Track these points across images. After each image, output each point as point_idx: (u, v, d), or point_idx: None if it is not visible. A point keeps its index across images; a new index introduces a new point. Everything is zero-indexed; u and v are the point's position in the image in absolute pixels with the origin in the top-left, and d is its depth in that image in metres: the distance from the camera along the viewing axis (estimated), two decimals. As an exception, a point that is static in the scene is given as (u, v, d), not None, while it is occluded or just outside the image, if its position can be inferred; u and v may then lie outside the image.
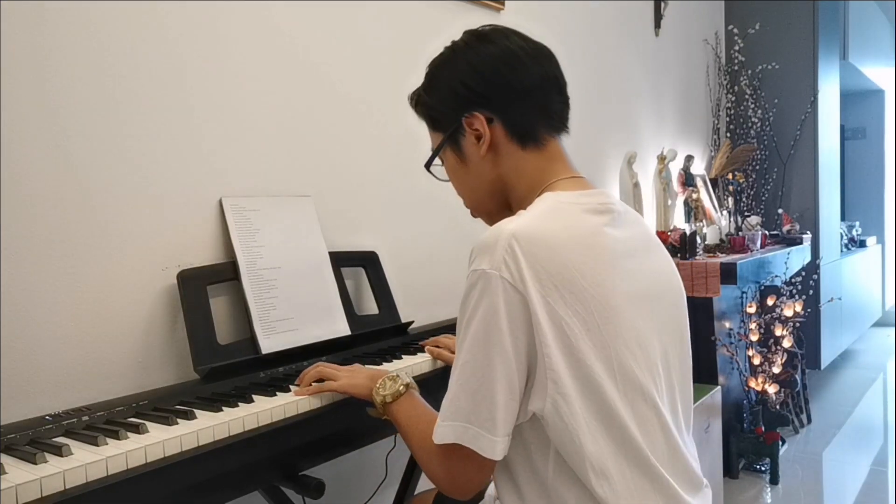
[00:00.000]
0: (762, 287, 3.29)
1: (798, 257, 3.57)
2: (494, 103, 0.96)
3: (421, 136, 1.93)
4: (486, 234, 0.87)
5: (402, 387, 1.04)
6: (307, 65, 1.64)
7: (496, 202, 1.03)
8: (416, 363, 1.35)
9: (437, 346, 1.42)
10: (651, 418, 0.88)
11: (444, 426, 0.86)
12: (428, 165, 1.07)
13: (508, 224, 0.86)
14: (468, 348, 0.85)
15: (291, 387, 1.15)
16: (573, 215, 0.90)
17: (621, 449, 0.85)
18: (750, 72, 4.14)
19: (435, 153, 1.05)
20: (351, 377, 1.11)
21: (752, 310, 3.06)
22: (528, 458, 0.88)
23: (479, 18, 2.11)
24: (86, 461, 0.83)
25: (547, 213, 0.89)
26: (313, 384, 1.13)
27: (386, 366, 1.32)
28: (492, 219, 1.04)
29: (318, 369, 1.15)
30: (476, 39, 0.99)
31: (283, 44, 1.58)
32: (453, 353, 1.35)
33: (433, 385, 1.32)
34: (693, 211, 3.41)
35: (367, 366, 1.25)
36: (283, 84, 1.58)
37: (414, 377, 1.31)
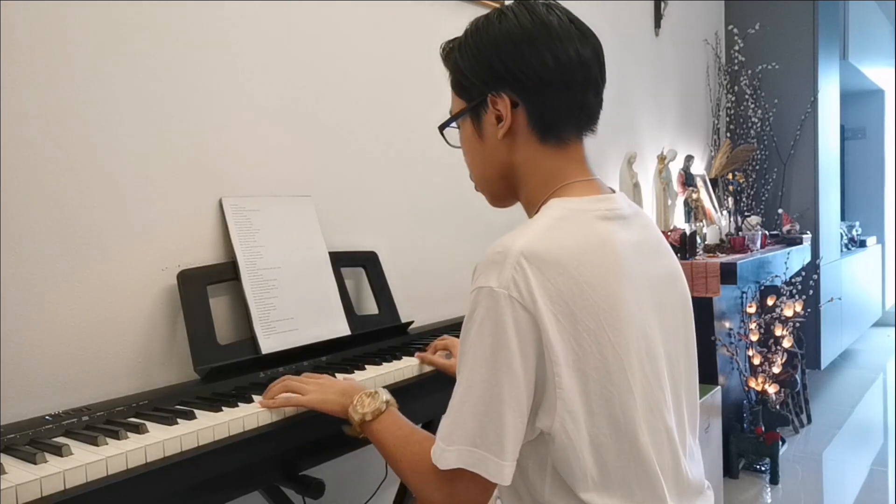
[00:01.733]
0: (762, 287, 3.29)
1: (798, 257, 3.57)
2: (525, 87, 0.89)
3: (421, 136, 1.94)
4: (492, 249, 0.84)
5: (382, 404, 0.98)
6: (307, 65, 1.64)
7: (504, 186, 0.98)
8: (416, 363, 1.35)
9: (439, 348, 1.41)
10: (660, 429, 0.87)
11: (450, 451, 0.82)
12: (442, 128, 1.01)
13: (517, 240, 0.83)
14: (474, 368, 0.81)
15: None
16: (582, 224, 0.87)
17: (630, 461, 0.84)
18: (750, 72, 4.14)
19: (452, 119, 0.99)
20: (321, 391, 1.05)
21: (752, 310, 3.06)
22: (523, 475, 0.87)
23: (479, 18, 2.11)
24: (86, 461, 0.83)
25: (555, 223, 0.86)
26: (279, 397, 1.07)
27: (386, 366, 1.32)
28: (495, 199, 1.01)
29: (285, 383, 1.09)
30: (527, 12, 0.91)
31: (284, 44, 1.58)
32: (451, 354, 1.34)
33: (433, 386, 1.32)
34: (693, 211, 3.41)
35: (338, 375, 1.20)
36: (283, 84, 1.58)
37: (414, 377, 1.32)
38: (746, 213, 3.97)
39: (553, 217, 0.87)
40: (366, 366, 1.31)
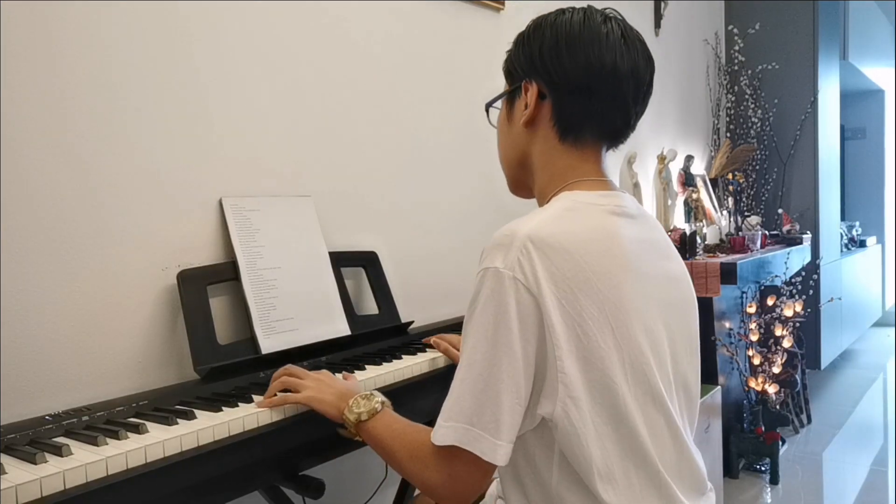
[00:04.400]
0: (762, 287, 3.29)
1: (798, 257, 3.57)
2: (554, 82, 0.92)
3: (421, 136, 1.94)
4: (500, 233, 0.85)
5: (377, 404, 0.99)
6: (306, 64, 1.64)
7: (523, 173, 1.01)
8: (416, 363, 1.35)
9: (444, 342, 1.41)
10: (661, 423, 0.87)
11: (446, 427, 0.83)
12: (488, 106, 1.06)
13: (524, 225, 0.84)
14: (475, 347, 0.82)
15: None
16: (590, 215, 0.88)
17: (630, 453, 0.84)
18: (750, 72, 4.14)
19: (495, 99, 1.04)
20: (318, 390, 1.05)
21: (752, 310, 3.06)
22: (531, 463, 0.87)
23: (479, 18, 2.11)
24: (86, 461, 0.83)
25: (563, 213, 0.87)
26: (277, 395, 1.07)
27: (386, 366, 1.32)
28: (514, 185, 1.05)
29: (282, 380, 1.09)
30: (583, 15, 0.93)
31: (284, 43, 1.58)
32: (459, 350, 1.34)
33: (433, 386, 1.32)
34: (693, 211, 3.41)
35: (337, 375, 1.18)
36: (283, 84, 1.58)
37: (413, 377, 1.32)
38: (746, 213, 3.97)
39: (562, 207, 0.89)
40: (366, 366, 1.31)
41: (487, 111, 1.07)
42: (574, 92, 0.92)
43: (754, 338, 3.04)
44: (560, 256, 0.82)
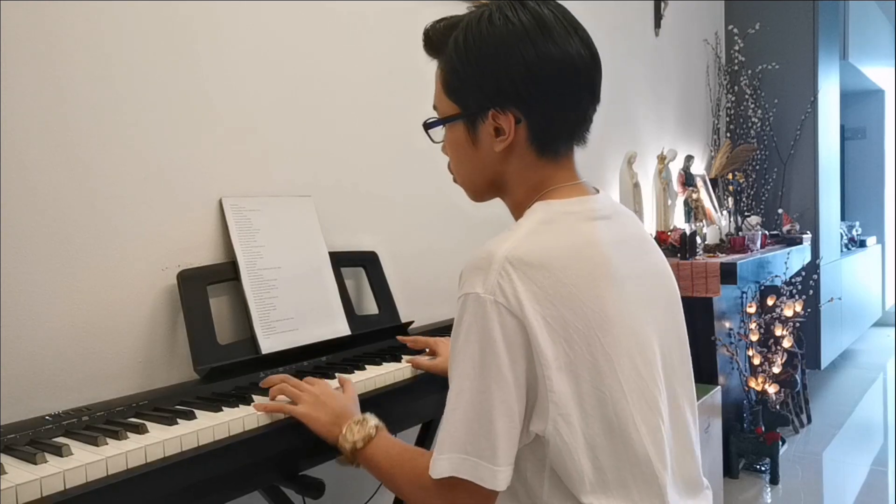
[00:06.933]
0: (762, 287, 3.29)
1: (798, 257, 3.57)
2: (532, 108, 0.88)
3: (422, 136, 1.94)
4: (477, 255, 0.83)
5: (371, 429, 0.97)
6: (307, 65, 1.64)
7: (490, 188, 0.97)
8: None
9: (419, 346, 1.39)
10: (656, 426, 0.87)
11: (442, 459, 0.82)
12: (428, 127, 0.98)
13: (501, 245, 0.83)
14: (463, 375, 0.81)
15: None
16: (566, 226, 0.87)
17: (626, 461, 0.84)
18: (750, 72, 4.14)
19: (443, 121, 0.96)
20: (314, 406, 1.04)
21: (752, 310, 3.06)
22: (521, 476, 0.87)
23: (479, 18, 2.11)
24: (86, 461, 0.83)
25: (539, 227, 0.86)
26: (277, 399, 1.07)
27: (386, 366, 1.31)
28: (476, 196, 1.00)
29: (282, 385, 1.08)
30: (540, 32, 0.86)
31: (284, 43, 1.58)
32: (436, 355, 1.34)
33: (433, 386, 1.32)
34: (693, 211, 3.41)
35: (337, 375, 1.18)
36: (282, 84, 1.58)
37: (415, 377, 1.32)
38: (746, 213, 3.97)
39: (537, 221, 0.87)
40: (366, 366, 1.31)
41: (427, 130, 0.99)
42: (555, 112, 0.89)
43: (754, 338, 3.04)
44: (540, 274, 0.81)
